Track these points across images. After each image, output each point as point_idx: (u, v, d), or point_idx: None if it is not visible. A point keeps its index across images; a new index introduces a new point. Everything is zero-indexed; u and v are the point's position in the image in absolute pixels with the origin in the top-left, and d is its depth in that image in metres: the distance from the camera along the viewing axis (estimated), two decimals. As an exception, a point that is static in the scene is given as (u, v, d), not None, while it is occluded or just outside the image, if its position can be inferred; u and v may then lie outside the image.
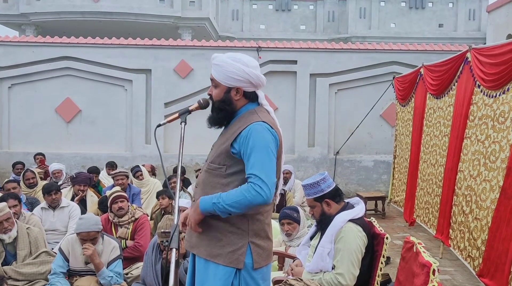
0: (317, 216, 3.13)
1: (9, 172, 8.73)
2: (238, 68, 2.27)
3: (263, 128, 2.23)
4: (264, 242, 2.33)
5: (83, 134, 10.59)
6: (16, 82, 10.54)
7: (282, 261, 3.87)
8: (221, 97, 2.33)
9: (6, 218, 3.89)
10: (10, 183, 5.75)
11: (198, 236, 2.31)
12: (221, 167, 2.29)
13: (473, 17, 18.83)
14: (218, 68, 2.30)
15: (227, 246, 2.25)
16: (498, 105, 4.48)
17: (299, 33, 19.63)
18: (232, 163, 2.27)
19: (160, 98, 10.54)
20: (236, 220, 2.25)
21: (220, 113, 2.34)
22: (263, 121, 2.26)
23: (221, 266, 2.24)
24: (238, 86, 2.30)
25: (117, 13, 15.12)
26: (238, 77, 2.27)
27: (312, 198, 3.10)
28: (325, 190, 3.06)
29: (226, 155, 2.28)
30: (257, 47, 10.47)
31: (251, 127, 2.22)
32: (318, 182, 3.06)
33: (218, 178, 2.30)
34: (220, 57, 2.32)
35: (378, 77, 10.49)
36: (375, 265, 3.04)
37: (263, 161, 2.17)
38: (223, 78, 2.29)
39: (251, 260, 2.26)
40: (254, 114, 2.31)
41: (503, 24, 10.93)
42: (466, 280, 4.91)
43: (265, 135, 2.22)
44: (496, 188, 4.36)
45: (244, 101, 2.36)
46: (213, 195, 2.21)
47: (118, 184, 5.98)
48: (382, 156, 10.58)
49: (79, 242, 3.88)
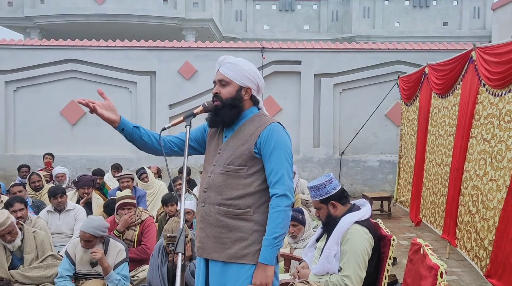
0: (323, 218, 3.12)
1: (15, 175, 8.77)
2: (252, 69, 2.39)
3: (282, 129, 2.36)
4: None
5: (88, 137, 10.62)
6: (21, 85, 10.58)
7: (288, 263, 3.85)
8: (233, 95, 2.36)
9: (9, 231, 3.87)
10: (16, 187, 5.78)
11: (215, 241, 2.32)
12: (242, 168, 2.34)
13: (477, 15, 18.71)
14: (232, 66, 2.36)
15: (253, 245, 2.30)
16: (504, 104, 4.45)
17: (303, 33, 19.58)
18: (253, 163, 2.34)
19: (165, 99, 10.56)
20: (259, 218, 2.32)
21: (233, 109, 2.37)
22: (278, 123, 2.38)
23: (248, 265, 2.28)
24: (249, 86, 2.38)
25: (121, 15, 15.14)
26: (251, 78, 2.37)
27: (318, 200, 3.10)
28: (331, 192, 3.06)
29: (248, 156, 2.34)
30: (261, 48, 10.47)
31: (271, 127, 2.33)
32: (323, 184, 3.06)
33: (239, 179, 2.33)
34: (233, 58, 2.40)
35: (382, 77, 10.47)
36: (381, 266, 3.02)
37: (283, 166, 2.29)
38: (237, 76, 2.35)
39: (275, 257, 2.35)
40: (264, 116, 2.42)
41: (508, 22, 10.87)
42: (474, 281, 4.88)
43: (284, 136, 2.35)
44: (503, 187, 4.33)
45: (250, 103, 2.44)
46: (262, 243, 2.27)
47: (123, 187, 5.98)
48: (387, 156, 10.55)
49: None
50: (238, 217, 2.31)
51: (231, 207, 2.32)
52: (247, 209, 2.30)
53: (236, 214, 2.31)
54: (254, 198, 2.32)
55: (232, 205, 2.32)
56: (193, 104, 10.18)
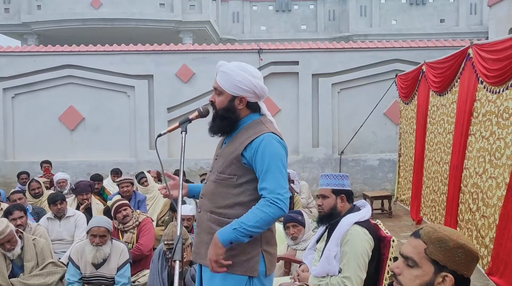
0: (327, 208, 3.11)
1: (15, 181, 8.76)
2: (245, 77, 2.27)
3: (275, 140, 2.25)
4: (273, 249, 2.38)
5: (87, 142, 10.62)
6: (19, 92, 10.58)
7: (288, 266, 3.85)
8: (225, 105, 2.31)
9: (8, 240, 3.86)
10: (16, 194, 5.77)
11: (207, 247, 2.28)
12: (232, 177, 2.29)
13: (474, 11, 18.71)
14: (225, 76, 2.28)
15: (241, 255, 2.25)
16: (502, 101, 4.45)
17: (300, 33, 19.58)
18: (243, 172, 2.28)
19: (163, 103, 10.56)
20: None
21: (224, 121, 2.33)
22: (273, 132, 2.27)
23: (234, 275, 2.24)
24: (243, 96, 2.29)
25: (118, 19, 15.14)
26: (245, 87, 2.27)
27: (331, 188, 3.10)
28: (346, 186, 3.12)
29: (237, 165, 2.28)
30: (258, 50, 10.46)
31: (262, 138, 2.24)
32: (342, 176, 3.13)
33: (229, 188, 2.30)
34: (228, 65, 2.31)
35: (380, 75, 10.46)
36: (382, 267, 3.02)
37: (277, 174, 2.19)
38: (229, 86, 2.28)
39: (264, 268, 2.29)
40: (261, 124, 2.32)
41: (504, 18, 10.87)
42: (476, 279, 4.87)
43: (277, 147, 2.24)
44: (503, 185, 4.32)
45: (247, 111, 2.36)
46: (229, 224, 2.19)
47: (123, 192, 5.97)
48: (387, 154, 10.54)
49: (89, 244, 3.90)
50: None
51: (221, 216, 2.29)
52: (235, 219, 2.21)
53: (225, 223, 2.23)
54: (243, 208, 2.24)
55: (222, 214, 2.29)
56: (192, 107, 10.17)
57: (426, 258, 1.53)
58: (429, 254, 1.52)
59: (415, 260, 1.54)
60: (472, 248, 1.53)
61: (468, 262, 1.52)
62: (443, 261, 1.51)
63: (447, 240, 1.51)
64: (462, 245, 1.51)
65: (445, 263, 1.51)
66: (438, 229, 1.55)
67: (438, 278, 1.51)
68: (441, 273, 1.51)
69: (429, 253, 1.52)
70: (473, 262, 1.53)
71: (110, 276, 3.96)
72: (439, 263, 1.51)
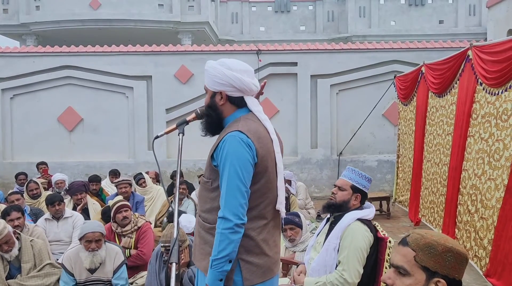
0: (339, 199, 3.14)
1: (13, 182, 8.74)
2: (220, 71, 2.22)
3: (236, 140, 2.10)
4: (258, 259, 2.19)
5: (85, 143, 10.60)
6: (17, 92, 10.56)
7: (286, 268, 3.85)
8: (208, 102, 2.31)
9: (6, 241, 3.84)
10: (13, 195, 5.76)
11: (197, 249, 2.29)
12: (208, 181, 2.24)
13: (473, 12, 18.71)
14: (206, 73, 2.30)
15: None
16: (501, 102, 4.44)
17: (299, 34, 19.55)
18: (216, 176, 2.19)
19: (162, 104, 10.54)
20: None
21: (208, 118, 2.31)
22: (240, 131, 2.12)
23: None
24: (221, 90, 2.24)
25: (117, 20, 15.11)
26: (220, 81, 2.22)
27: (352, 183, 3.14)
28: (366, 188, 3.17)
29: (210, 169, 2.23)
30: (257, 51, 10.45)
31: (225, 139, 2.13)
32: (367, 178, 3.18)
33: (207, 192, 2.25)
34: (209, 63, 2.31)
35: (379, 77, 10.46)
36: (379, 269, 3.04)
37: (228, 184, 2.07)
38: (208, 82, 2.28)
39: (240, 278, 2.16)
40: (237, 122, 2.20)
41: (503, 20, 10.85)
42: (473, 280, 4.86)
43: (236, 148, 2.09)
44: (501, 186, 4.32)
45: (232, 108, 2.27)
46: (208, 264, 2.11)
47: (121, 193, 5.96)
48: (385, 155, 10.53)
49: (83, 250, 3.86)
50: (208, 231, 2.20)
51: (204, 220, 2.25)
52: (213, 225, 2.14)
53: (207, 228, 2.21)
54: None
55: (204, 218, 2.25)
56: (190, 108, 10.16)
57: (416, 266, 1.53)
58: (419, 261, 1.53)
59: (406, 268, 1.54)
60: (460, 250, 1.53)
61: (458, 264, 1.52)
62: (434, 267, 1.51)
63: (435, 245, 1.51)
64: (451, 248, 1.51)
65: (436, 269, 1.51)
66: (425, 235, 1.56)
67: (431, 284, 1.51)
68: (433, 279, 1.51)
69: (419, 260, 1.53)
70: (463, 264, 1.53)
71: (106, 279, 3.94)
72: (430, 269, 1.51)
